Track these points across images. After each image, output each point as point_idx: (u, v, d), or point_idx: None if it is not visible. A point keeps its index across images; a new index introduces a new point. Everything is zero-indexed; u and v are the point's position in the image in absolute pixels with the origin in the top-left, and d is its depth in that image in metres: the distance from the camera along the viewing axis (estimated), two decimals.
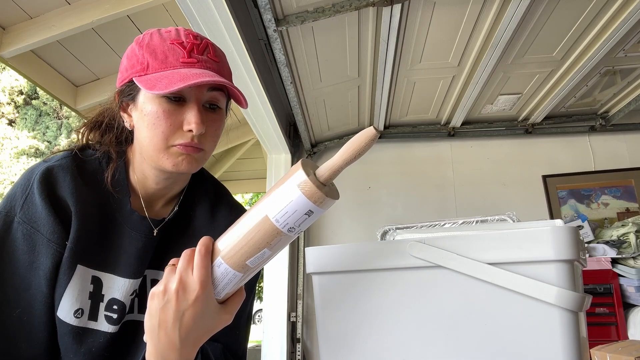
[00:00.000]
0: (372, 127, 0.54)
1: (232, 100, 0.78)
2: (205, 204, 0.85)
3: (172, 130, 0.68)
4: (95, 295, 0.73)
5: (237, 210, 0.89)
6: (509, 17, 1.75)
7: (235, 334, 0.83)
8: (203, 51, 0.70)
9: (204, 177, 0.89)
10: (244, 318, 0.86)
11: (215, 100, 0.72)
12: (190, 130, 0.68)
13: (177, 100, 0.69)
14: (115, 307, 0.74)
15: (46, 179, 0.70)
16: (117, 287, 0.74)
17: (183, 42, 0.69)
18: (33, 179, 0.70)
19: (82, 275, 0.71)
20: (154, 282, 0.79)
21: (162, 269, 0.78)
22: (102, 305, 0.73)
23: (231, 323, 0.76)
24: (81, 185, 0.72)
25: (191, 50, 0.69)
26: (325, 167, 0.56)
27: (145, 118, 0.69)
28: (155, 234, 0.77)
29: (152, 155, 0.71)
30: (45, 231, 0.68)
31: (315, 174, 0.56)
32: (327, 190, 0.56)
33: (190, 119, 0.68)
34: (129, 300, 0.75)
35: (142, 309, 0.78)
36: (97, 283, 0.73)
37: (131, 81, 0.70)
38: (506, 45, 1.97)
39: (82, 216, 0.70)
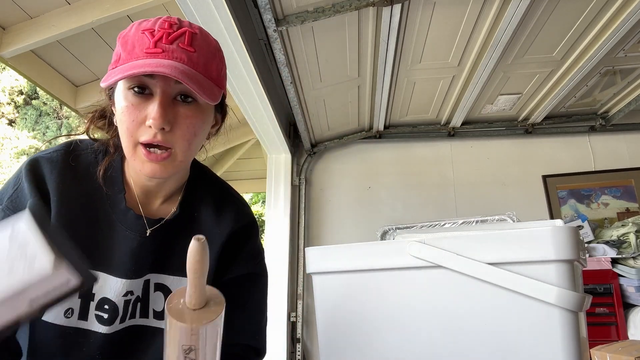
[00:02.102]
0: (195, 236, 0.53)
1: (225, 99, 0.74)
2: (210, 205, 0.81)
3: (135, 126, 0.64)
4: (85, 293, 0.70)
5: (244, 215, 0.85)
6: (509, 17, 1.75)
7: (256, 337, 0.84)
8: (174, 40, 0.64)
9: (206, 176, 0.85)
10: (264, 321, 0.87)
11: (188, 92, 0.66)
12: (151, 126, 0.63)
13: (142, 93, 0.64)
14: (106, 306, 0.72)
15: (33, 169, 0.69)
16: (109, 286, 0.71)
17: (154, 30, 0.64)
18: (22, 168, 0.69)
19: None
20: (158, 285, 0.77)
21: (167, 273, 0.77)
22: (93, 305, 0.71)
23: (254, 327, 0.82)
24: (69, 181, 0.70)
25: (159, 39, 0.63)
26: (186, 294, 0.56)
27: (118, 114, 0.66)
28: (148, 234, 0.74)
29: (126, 154, 0.68)
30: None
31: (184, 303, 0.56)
32: (193, 315, 0.55)
33: (150, 113, 0.63)
34: (122, 301, 0.73)
35: (145, 313, 0.76)
36: None
37: None
38: (506, 45, 1.97)
39: (66, 213, 0.68)
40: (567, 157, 2.92)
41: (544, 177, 2.88)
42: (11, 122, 10.57)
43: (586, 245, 2.29)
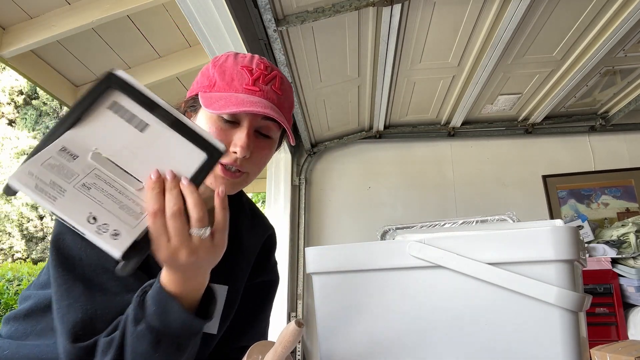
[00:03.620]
0: (293, 321, 0.62)
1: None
2: (245, 217, 0.89)
3: None
4: None
5: (269, 227, 0.95)
6: (509, 17, 1.75)
7: (261, 340, 0.92)
8: (268, 82, 0.73)
9: (240, 193, 0.92)
10: (267, 325, 0.96)
11: (267, 128, 0.75)
12: (235, 152, 0.70)
13: (231, 121, 0.72)
14: None
15: None
16: None
17: (252, 69, 0.73)
18: None
19: None
20: None
21: (213, 281, 0.81)
22: None
23: (261, 330, 0.92)
24: None
25: (257, 78, 0.72)
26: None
27: None
28: None
29: None
30: None
31: None
32: None
33: (237, 142, 0.70)
34: None
35: None
36: None
37: (197, 94, 0.74)
38: (506, 45, 1.97)
39: None
40: (567, 157, 2.92)
41: (544, 177, 2.88)
42: (11, 122, 10.58)
43: (586, 245, 2.29)
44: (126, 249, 0.49)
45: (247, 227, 0.89)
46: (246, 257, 0.88)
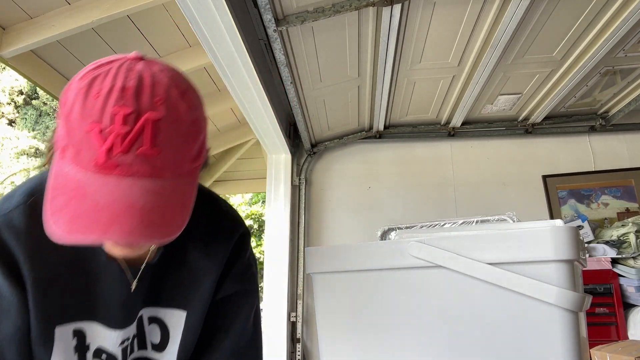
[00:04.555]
0: None
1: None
2: (197, 232, 0.74)
3: None
4: (80, 347, 0.69)
5: (232, 238, 0.79)
6: (509, 17, 1.75)
7: (255, 353, 0.83)
8: (130, 146, 0.49)
9: (197, 202, 0.69)
10: (255, 338, 0.84)
11: None
12: None
13: None
14: (104, 356, 0.71)
15: None
16: (104, 337, 0.69)
17: (104, 129, 0.48)
18: None
19: (62, 335, 0.66)
20: (152, 319, 0.75)
21: (159, 306, 0.75)
22: (89, 354, 0.70)
23: (241, 347, 0.81)
24: (39, 241, 0.60)
25: (110, 148, 0.48)
26: None
27: None
28: (133, 288, 0.69)
29: None
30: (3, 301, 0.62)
31: None
32: None
33: (115, 249, 0.58)
34: (120, 350, 0.72)
35: (143, 345, 0.76)
36: (79, 335, 0.68)
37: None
38: (506, 45, 1.97)
39: (45, 276, 0.63)
40: (567, 157, 2.92)
41: (544, 177, 2.88)
42: (11, 122, 10.57)
43: (586, 245, 2.29)
44: None
45: (199, 246, 0.75)
46: (205, 276, 0.76)
